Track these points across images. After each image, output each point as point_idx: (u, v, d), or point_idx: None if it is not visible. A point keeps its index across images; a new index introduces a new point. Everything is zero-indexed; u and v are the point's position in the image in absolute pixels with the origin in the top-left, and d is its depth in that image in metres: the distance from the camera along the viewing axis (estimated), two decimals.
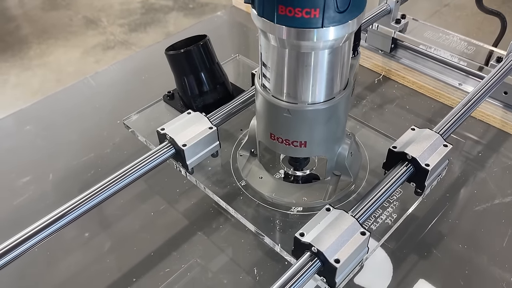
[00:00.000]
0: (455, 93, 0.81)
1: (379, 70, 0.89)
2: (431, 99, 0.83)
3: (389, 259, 0.58)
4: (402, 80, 0.86)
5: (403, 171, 0.55)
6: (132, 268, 0.58)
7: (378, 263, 0.57)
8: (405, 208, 0.58)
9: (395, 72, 0.87)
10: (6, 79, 2.17)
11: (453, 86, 0.81)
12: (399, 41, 0.87)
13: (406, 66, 0.86)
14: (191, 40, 0.68)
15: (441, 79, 0.82)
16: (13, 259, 0.48)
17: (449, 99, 0.81)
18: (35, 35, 2.46)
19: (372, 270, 0.56)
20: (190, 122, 0.61)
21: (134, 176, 0.56)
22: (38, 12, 2.64)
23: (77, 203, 0.51)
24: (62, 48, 2.38)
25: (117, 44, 2.39)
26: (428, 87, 0.83)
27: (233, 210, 0.59)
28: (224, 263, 0.59)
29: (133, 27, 2.53)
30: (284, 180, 0.63)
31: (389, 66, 0.88)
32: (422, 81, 0.84)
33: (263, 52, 0.50)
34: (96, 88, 0.88)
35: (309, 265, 0.46)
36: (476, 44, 0.86)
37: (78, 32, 2.50)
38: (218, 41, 0.74)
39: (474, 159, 0.72)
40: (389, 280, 0.56)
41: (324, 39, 0.43)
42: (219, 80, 0.70)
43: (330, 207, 0.50)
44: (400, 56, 0.88)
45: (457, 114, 0.62)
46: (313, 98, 0.50)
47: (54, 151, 0.75)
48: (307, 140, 0.53)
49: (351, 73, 0.53)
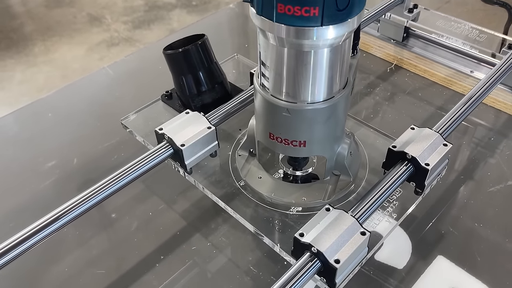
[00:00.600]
0: (467, 80, 0.82)
1: (390, 59, 0.91)
2: (443, 86, 0.84)
3: (408, 237, 0.60)
4: (414, 68, 0.88)
5: (403, 171, 0.55)
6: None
7: (397, 241, 0.60)
8: (405, 208, 0.58)
9: (407, 61, 0.89)
10: (12, 76, 2.19)
11: (465, 74, 0.83)
12: (411, 30, 0.89)
13: (418, 55, 0.88)
14: (189, 39, 0.68)
15: (453, 66, 0.84)
16: (10, 260, 0.47)
17: (461, 87, 0.83)
18: (40, 32, 2.47)
19: (392, 248, 0.59)
20: (189, 121, 0.60)
21: (132, 176, 0.55)
22: (42, 9, 2.66)
23: (74, 204, 0.51)
24: (67, 45, 2.39)
25: (122, 41, 2.41)
26: (439, 75, 0.85)
27: (232, 210, 0.59)
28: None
29: (137, 24, 2.55)
30: (283, 180, 0.62)
31: (401, 55, 0.90)
32: (434, 69, 0.85)
33: (262, 51, 0.49)
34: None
35: (309, 266, 0.46)
36: (487, 33, 0.87)
37: (82, 29, 2.52)
38: (232, 33, 0.74)
39: (486, 144, 0.74)
40: (409, 256, 0.58)
41: (323, 37, 0.43)
42: (217, 79, 0.70)
43: (330, 207, 0.50)
44: (412, 45, 0.90)
45: (456, 114, 0.62)
46: (313, 97, 0.49)
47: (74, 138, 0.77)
48: (307, 140, 0.52)
49: (350, 72, 0.53)
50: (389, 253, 0.58)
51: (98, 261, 0.59)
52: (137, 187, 0.67)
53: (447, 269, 0.57)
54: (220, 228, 0.62)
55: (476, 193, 0.66)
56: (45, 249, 0.59)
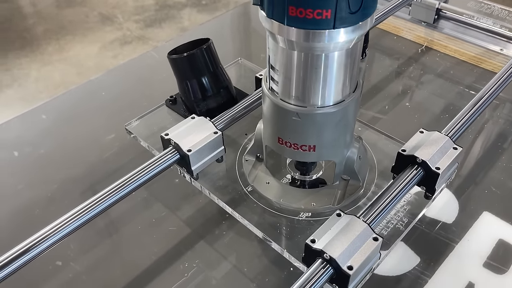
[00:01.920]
0: (497, 58, 0.85)
1: (421, 41, 0.94)
2: (473, 65, 0.87)
3: (454, 196, 0.65)
4: (444, 49, 0.91)
5: (413, 175, 0.54)
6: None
7: (444, 200, 0.64)
8: (416, 212, 0.57)
9: (437, 42, 0.92)
10: (28, 73, 2.23)
11: (495, 52, 0.86)
12: (442, 12, 0.93)
13: (448, 36, 0.91)
14: (194, 43, 0.67)
15: (483, 45, 0.88)
16: (13, 271, 0.46)
17: (491, 64, 0.85)
18: (53, 31, 2.51)
19: (440, 206, 0.63)
20: (195, 127, 0.60)
21: (139, 182, 0.55)
22: (53, 9, 2.71)
23: (79, 212, 0.50)
24: (80, 43, 2.43)
25: (134, 39, 2.45)
26: (470, 54, 0.88)
27: (239, 216, 0.58)
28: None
29: (148, 23, 2.59)
30: (291, 185, 0.62)
31: (432, 36, 0.93)
32: (464, 49, 0.89)
33: (271, 55, 0.48)
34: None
35: (321, 273, 0.45)
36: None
37: (95, 28, 2.55)
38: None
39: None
40: (456, 213, 0.63)
41: (335, 40, 0.42)
42: (222, 84, 0.69)
43: (341, 213, 0.49)
44: (442, 27, 0.94)
45: (464, 117, 0.62)
46: (323, 101, 0.48)
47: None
48: (316, 144, 0.52)
49: (359, 76, 0.52)
50: (438, 211, 0.63)
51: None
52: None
53: (494, 223, 0.62)
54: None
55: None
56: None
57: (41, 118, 0.82)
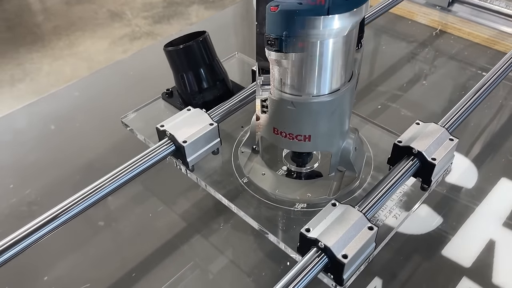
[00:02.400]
0: (509, 39, 0.87)
1: (435, 25, 0.96)
2: (486, 47, 0.90)
3: (473, 163, 0.69)
4: (458, 32, 0.93)
5: (409, 166, 0.54)
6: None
7: (463, 167, 0.68)
8: (411, 204, 0.57)
9: (451, 25, 0.94)
10: (40, 68, 2.27)
11: (508, 33, 0.88)
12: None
13: (462, 19, 0.93)
14: (190, 36, 0.67)
15: (497, 27, 0.90)
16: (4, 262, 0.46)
17: (504, 45, 0.88)
18: (63, 27, 2.55)
19: (459, 173, 0.67)
20: (191, 118, 0.59)
21: (133, 173, 0.54)
22: (63, 6, 2.75)
23: (72, 203, 0.50)
24: (90, 39, 2.47)
25: (144, 35, 2.49)
26: (483, 36, 0.90)
27: (235, 207, 0.58)
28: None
29: (157, 19, 2.63)
30: (287, 176, 0.61)
31: (446, 20, 0.95)
32: (478, 31, 0.91)
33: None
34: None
35: (315, 261, 0.45)
36: None
37: (104, 24, 2.59)
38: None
39: None
40: (476, 179, 0.67)
41: (329, 27, 0.42)
42: (218, 76, 0.69)
43: (336, 202, 0.49)
44: (456, 10, 0.95)
45: (461, 108, 0.62)
46: (318, 90, 0.48)
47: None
48: (312, 134, 0.51)
49: (355, 66, 0.52)
50: (457, 177, 0.67)
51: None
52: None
53: (511, 188, 0.65)
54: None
55: None
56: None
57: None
